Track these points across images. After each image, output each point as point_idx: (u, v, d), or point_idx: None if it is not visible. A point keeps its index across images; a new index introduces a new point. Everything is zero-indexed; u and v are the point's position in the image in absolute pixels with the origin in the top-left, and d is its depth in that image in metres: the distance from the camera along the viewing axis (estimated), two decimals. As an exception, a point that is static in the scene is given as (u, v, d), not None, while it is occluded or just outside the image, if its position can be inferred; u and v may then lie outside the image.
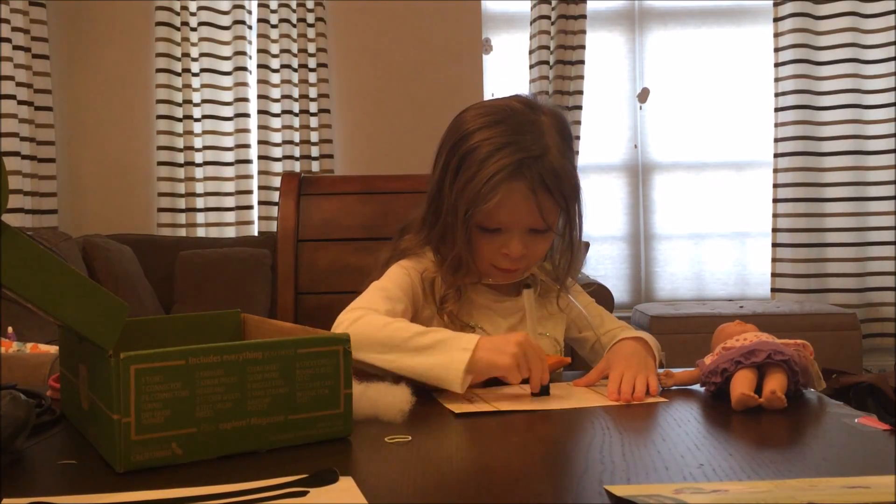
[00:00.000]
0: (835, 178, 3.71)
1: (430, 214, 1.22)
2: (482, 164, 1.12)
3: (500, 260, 1.17)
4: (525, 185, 1.12)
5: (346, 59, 3.78)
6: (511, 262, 1.17)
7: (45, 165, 3.54)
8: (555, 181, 1.13)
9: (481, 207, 1.12)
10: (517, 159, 1.12)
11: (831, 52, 3.71)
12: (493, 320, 1.23)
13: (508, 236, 1.15)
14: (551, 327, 1.26)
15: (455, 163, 1.16)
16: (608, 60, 3.91)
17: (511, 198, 1.12)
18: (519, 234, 1.15)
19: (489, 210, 1.13)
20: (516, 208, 1.13)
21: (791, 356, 0.95)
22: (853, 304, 3.64)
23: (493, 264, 1.18)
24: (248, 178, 3.70)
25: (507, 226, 1.15)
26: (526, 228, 1.16)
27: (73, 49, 3.73)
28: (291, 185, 1.75)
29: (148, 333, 0.99)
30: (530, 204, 1.13)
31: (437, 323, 1.18)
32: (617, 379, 1.01)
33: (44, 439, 0.82)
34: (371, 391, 0.89)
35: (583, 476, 0.70)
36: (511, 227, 1.15)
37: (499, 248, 1.16)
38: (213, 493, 0.63)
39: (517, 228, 1.15)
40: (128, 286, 3.11)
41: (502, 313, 1.23)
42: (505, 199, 1.12)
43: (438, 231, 1.20)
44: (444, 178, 1.18)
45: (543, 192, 1.13)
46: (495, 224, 1.15)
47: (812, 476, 0.65)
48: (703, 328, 2.93)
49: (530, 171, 1.12)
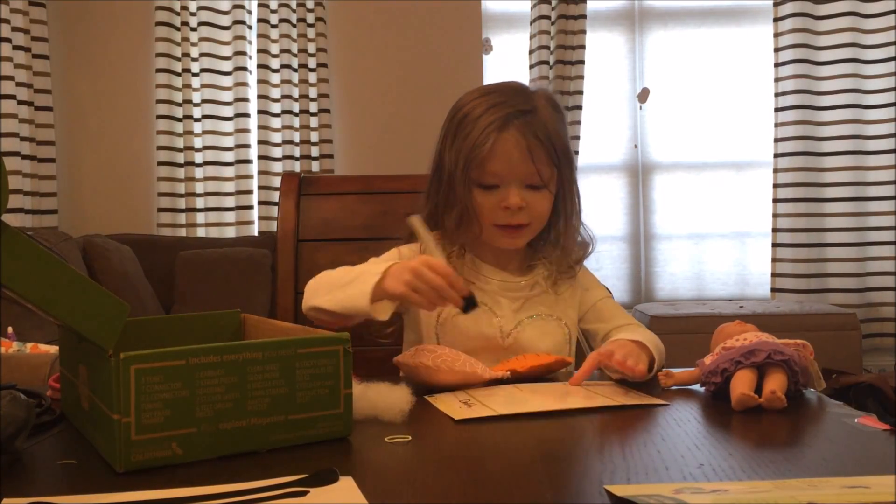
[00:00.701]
0: (835, 178, 3.71)
1: (432, 184, 1.27)
2: (476, 122, 1.20)
3: (501, 215, 1.21)
4: (516, 133, 1.19)
5: (346, 59, 3.78)
6: (511, 215, 1.20)
7: (45, 165, 3.54)
8: (545, 134, 1.20)
9: (477, 159, 1.18)
10: (507, 112, 1.20)
11: (831, 52, 3.70)
12: (499, 302, 1.24)
13: (506, 190, 1.20)
14: (561, 311, 1.27)
15: (452, 129, 1.24)
16: (608, 60, 3.91)
17: (503, 147, 1.19)
18: (516, 187, 1.20)
19: (484, 161, 1.19)
20: (509, 157, 1.19)
21: (791, 356, 0.95)
22: (853, 304, 3.64)
23: (495, 223, 1.21)
24: (248, 178, 3.70)
25: (502, 178, 1.20)
26: (522, 182, 1.20)
27: (73, 49, 3.73)
28: (291, 185, 1.75)
29: (148, 333, 0.99)
30: (522, 152, 1.19)
31: None
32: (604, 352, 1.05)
33: (44, 439, 0.82)
34: (371, 391, 0.89)
35: (583, 476, 0.70)
36: (507, 179, 1.20)
37: (498, 203, 1.20)
38: (213, 493, 0.63)
39: (513, 180, 1.20)
40: (128, 286, 3.11)
41: (509, 296, 1.25)
42: (497, 147, 1.18)
43: (442, 197, 1.24)
44: (444, 146, 1.24)
45: (535, 142, 1.19)
46: (491, 177, 1.20)
47: (812, 476, 0.65)
48: (703, 328, 2.92)
49: (520, 122, 1.19)
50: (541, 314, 1.25)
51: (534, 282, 1.27)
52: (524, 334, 1.23)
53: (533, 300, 1.26)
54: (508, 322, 1.23)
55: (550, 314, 1.26)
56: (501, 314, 1.24)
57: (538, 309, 1.26)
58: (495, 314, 1.23)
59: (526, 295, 1.26)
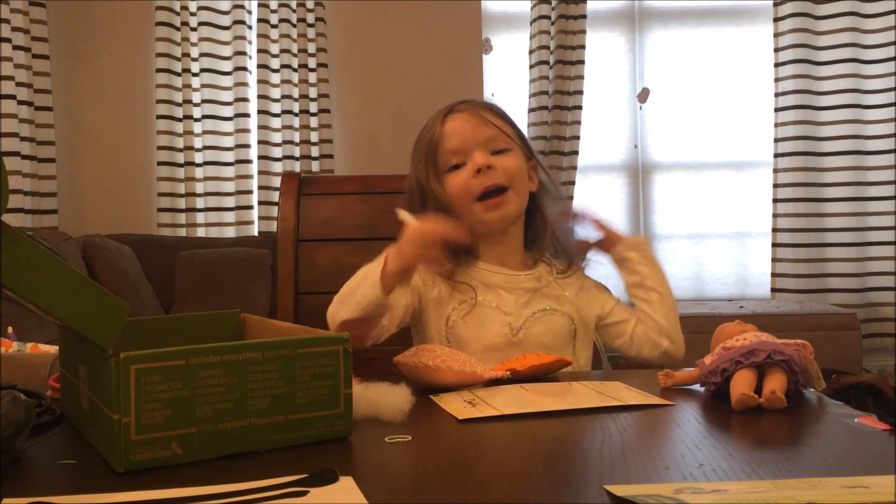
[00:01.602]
0: (835, 178, 3.71)
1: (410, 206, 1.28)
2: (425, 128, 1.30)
3: (475, 184, 1.23)
4: (463, 112, 1.27)
5: (346, 59, 3.78)
6: (484, 177, 1.22)
7: (45, 165, 3.54)
8: (489, 106, 1.29)
9: (432, 147, 1.25)
10: (450, 104, 1.30)
11: (831, 52, 3.70)
12: (505, 299, 1.25)
13: (471, 159, 1.24)
14: (566, 307, 1.27)
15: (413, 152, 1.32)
16: (608, 60, 3.91)
17: (453, 124, 1.26)
18: (479, 151, 1.24)
19: (439, 145, 1.25)
20: (461, 130, 1.25)
21: (791, 356, 0.95)
22: (853, 304, 3.64)
23: (472, 195, 1.23)
24: (248, 178, 3.70)
25: (463, 151, 1.24)
26: (484, 148, 1.24)
27: (73, 49, 3.73)
28: (291, 185, 1.75)
29: (148, 333, 0.99)
30: (474, 123, 1.25)
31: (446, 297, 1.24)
32: None
33: (44, 439, 0.82)
34: (371, 391, 0.89)
35: (583, 476, 0.70)
36: (467, 150, 1.24)
37: (468, 174, 1.23)
38: (213, 493, 0.63)
39: (473, 148, 1.24)
40: (128, 286, 3.11)
41: (514, 292, 1.25)
42: (447, 128, 1.26)
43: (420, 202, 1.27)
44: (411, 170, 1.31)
45: (485, 111, 1.27)
46: (452, 156, 1.25)
47: (812, 476, 0.65)
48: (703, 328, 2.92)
49: (464, 104, 1.28)
50: (546, 309, 1.25)
51: (538, 275, 1.28)
52: (532, 330, 1.23)
53: (538, 294, 1.26)
54: (517, 319, 1.24)
55: (556, 308, 1.26)
56: (509, 311, 1.24)
57: (544, 303, 1.26)
58: (503, 312, 1.23)
59: (532, 287, 1.26)
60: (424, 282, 1.25)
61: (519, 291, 1.26)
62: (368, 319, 1.10)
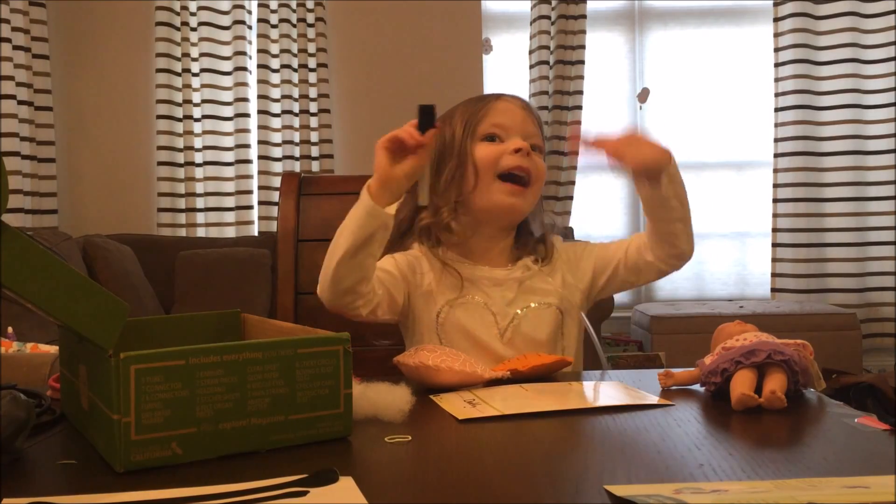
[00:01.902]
0: (835, 178, 3.71)
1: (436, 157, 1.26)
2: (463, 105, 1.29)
3: (508, 159, 1.22)
4: (513, 99, 1.29)
5: (346, 59, 3.78)
6: (520, 157, 1.22)
7: (45, 165, 3.54)
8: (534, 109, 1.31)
9: (478, 115, 1.25)
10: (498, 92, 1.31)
11: (831, 52, 3.71)
12: (490, 291, 1.24)
13: (512, 140, 1.24)
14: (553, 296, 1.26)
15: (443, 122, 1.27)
16: (608, 60, 3.91)
17: (505, 105, 1.27)
18: (521, 138, 1.24)
19: (486, 115, 1.25)
20: (513, 113, 1.26)
21: (791, 356, 0.95)
22: (853, 304, 3.64)
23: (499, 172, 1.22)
24: (248, 178, 3.70)
25: (507, 130, 1.25)
26: (525, 137, 1.25)
27: (73, 49, 3.73)
28: (291, 185, 1.75)
29: (148, 333, 0.99)
30: (523, 112, 1.27)
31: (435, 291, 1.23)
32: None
33: (44, 439, 0.82)
34: (371, 391, 0.89)
35: (583, 476, 0.70)
36: (511, 132, 1.25)
37: (502, 150, 1.23)
38: (213, 493, 0.63)
39: (516, 134, 1.25)
40: (128, 286, 3.11)
41: (497, 284, 1.24)
42: (500, 105, 1.27)
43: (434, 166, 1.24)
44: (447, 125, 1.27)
45: (530, 110, 1.29)
46: (497, 128, 1.25)
47: (812, 476, 0.65)
48: (703, 328, 2.92)
49: (511, 96, 1.30)
50: (533, 304, 1.24)
51: (524, 266, 1.27)
52: (521, 328, 1.23)
53: (525, 287, 1.25)
54: (504, 318, 1.23)
55: (542, 301, 1.25)
56: (497, 310, 1.23)
57: (530, 299, 1.24)
58: (490, 310, 1.23)
59: (518, 278, 1.25)
60: (413, 271, 1.24)
61: (505, 287, 1.24)
62: (363, 247, 1.09)
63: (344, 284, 1.12)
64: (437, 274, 1.24)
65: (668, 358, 3.22)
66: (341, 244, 1.10)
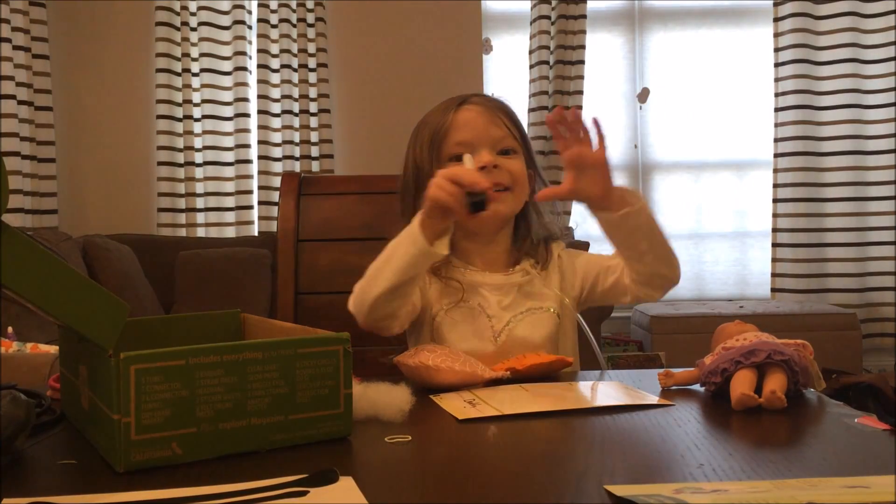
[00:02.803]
0: (835, 178, 3.72)
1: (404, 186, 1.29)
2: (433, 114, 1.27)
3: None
4: (476, 105, 1.26)
5: (346, 58, 3.78)
6: (488, 174, 1.18)
7: (45, 165, 3.54)
8: (503, 109, 1.26)
9: (440, 134, 1.23)
10: (461, 96, 1.28)
11: (831, 52, 3.71)
12: (488, 296, 1.24)
13: (478, 157, 1.21)
14: (550, 300, 1.26)
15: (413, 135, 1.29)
16: (608, 60, 3.91)
17: (465, 116, 1.24)
18: (487, 149, 1.22)
19: (448, 133, 1.23)
20: (473, 124, 1.24)
21: (791, 356, 0.95)
22: (853, 304, 3.64)
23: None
24: (248, 178, 3.70)
25: (471, 145, 1.22)
26: (492, 146, 1.23)
27: (73, 49, 3.73)
28: (291, 185, 1.75)
29: (148, 333, 0.99)
30: (486, 119, 1.24)
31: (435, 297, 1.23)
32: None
33: (44, 439, 0.82)
34: (371, 391, 0.89)
35: (583, 476, 0.70)
36: (476, 145, 1.22)
37: None
38: (213, 493, 0.63)
39: (482, 145, 1.23)
40: (128, 286, 3.11)
41: (496, 289, 1.24)
42: (459, 118, 1.24)
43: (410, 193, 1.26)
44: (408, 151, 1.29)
45: (496, 111, 1.25)
46: (459, 147, 1.22)
47: (812, 476, 0.65)
48: (703, 328, 2.93)
49: (477, 98, 1.27)
50: (530, 308, 1.24)
51: (521, 272, 1.26)
52: (516, 331, 1.22)
53: (522, 294, 1.25)
54: (499, 322, 1.23)
55: (539, 307, 1.24)
56: (493, 314, 1.23)
57: (526, 304, 1.24)
58: (486, 314, 1.23)
59: (516, 284, 1.24)
60: (424, 282, 1.25)
61: (503, 292, 1.24)
62: (405, 285, 1.09)
63: (383, 312, 1.13)
64: (439, 280, 1.25)
65: (668, 358, 3.23)
66: (387, 277, 1.09)
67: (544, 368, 1.10)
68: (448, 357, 1.05)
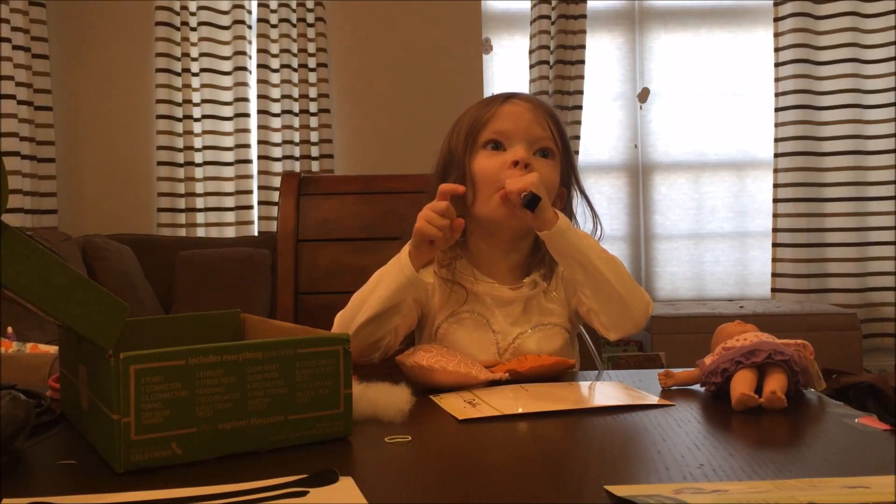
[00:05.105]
0: (835, 178, 3.72)
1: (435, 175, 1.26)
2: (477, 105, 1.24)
3: (509, 172, 1.16)
4: (522, 101, 1.22)
5: (346, 59, 3.78)
6: (520, 170, 1.15)
7: (45, 165, 3.54)
8: (549, 110, 1.23)
9: (480, 122, 1.20)
10: (509, 93, 1.25)
11: (831, 52, 3.71)
12: (494, 309, 1.21)
13: (512, 150, 1.18)
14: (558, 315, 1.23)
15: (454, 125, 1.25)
16: (608, 60, 3.91)
17: (510, 108, 1.21)
18: (524, 146, 1.18)
19: (489, 122, 1.20)
20: (517, 117, 1.20)
21: (791, 356, 0.95)
22: (853, 304, 3.64)
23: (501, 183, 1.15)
24: (248, 178, 3.70)
25: (509, 136, 1.19)
26: (530, 144, 1.19)
27: (73, 49, 3.73)
28: (291, 185, 1.75)
29: (148, 333, 0.99)
30: (531, 115, 1.20)
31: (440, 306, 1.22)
32: None
33: (44, 439, 0.82)
34: (371, 391, 0.89)
35: (583, 476, 0.70)
36: (514, 139, 1.19)
37: (504, 162, 1.17)
38: (213, 493, 0.63)
39: (521, 140, 1.19)
40: (128, 286, 3.11)
41: (503, 304, 1.21)
42: (504, 109, 1.21)
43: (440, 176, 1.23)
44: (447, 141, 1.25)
45: (542, 111, 1.21)
46: (497, 135, 1.20)
47: (812, 476, 0.65)
48: (703, 328, 2.93)
49: (525, 95, 1.24)
50: (538, 324, 1.21)
51: (532, 282, 1.23)
52: (524, 347, 1.19)
53: (530, 307, 1.22)
54: (505, 338, 1.20)
55: (547, 322, 1.22)
56: (498, 329, 1.20)
57: (534, 319, 1.21)
58: (492, 329, 1.20)
59: (524, 296, 1.22)
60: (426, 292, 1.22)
61: (510, 306, 1.21)
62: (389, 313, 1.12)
63: (366, 340, 1.13)
64: (444, 287, 1.22)
65: (668, 358, 3.22)
66: (372, 304, 1.11)
67: (545, 370, 1.10)
68: (443, 357, 1.04)
